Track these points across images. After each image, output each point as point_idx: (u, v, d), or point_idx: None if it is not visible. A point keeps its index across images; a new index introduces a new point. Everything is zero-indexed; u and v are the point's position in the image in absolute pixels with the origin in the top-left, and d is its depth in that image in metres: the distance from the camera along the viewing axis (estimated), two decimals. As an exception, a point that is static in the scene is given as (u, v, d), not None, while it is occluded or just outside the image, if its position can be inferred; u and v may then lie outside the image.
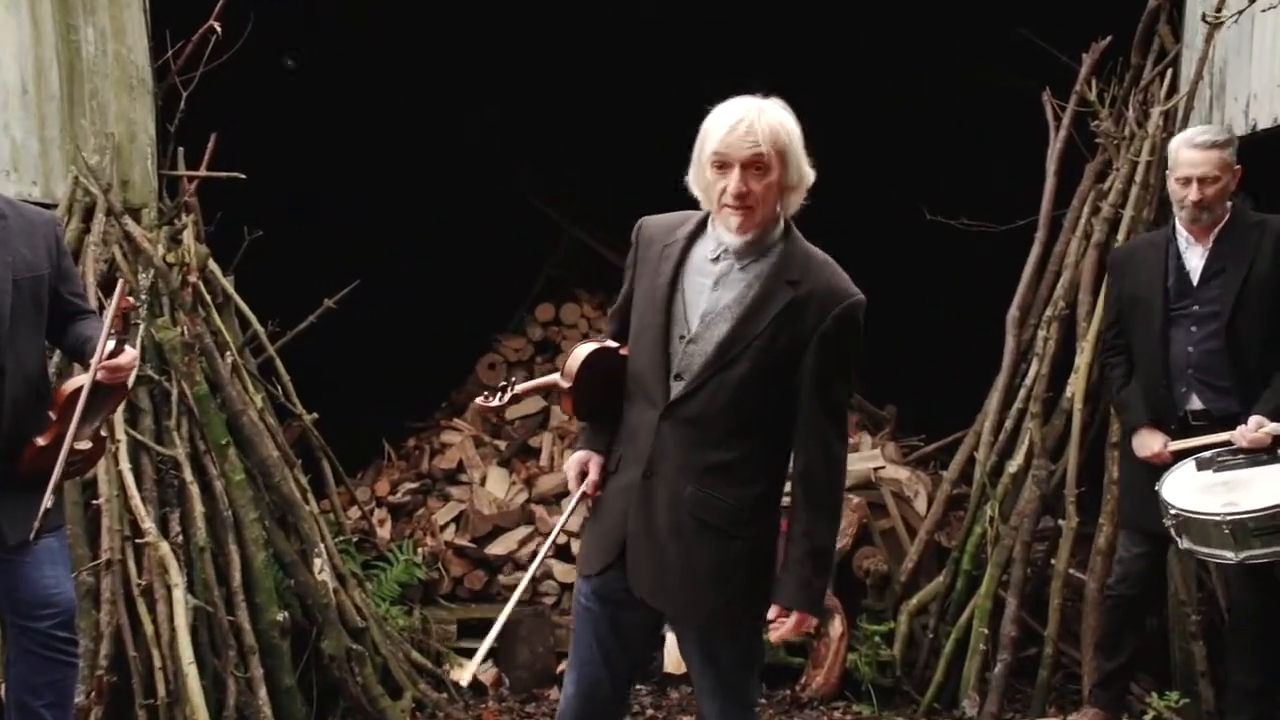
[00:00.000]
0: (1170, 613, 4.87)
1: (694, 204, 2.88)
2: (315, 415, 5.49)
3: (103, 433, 3.53)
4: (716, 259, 2.81)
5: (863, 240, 7.61)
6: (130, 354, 3.31)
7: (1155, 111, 5.11)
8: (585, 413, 2.98)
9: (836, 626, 5.26)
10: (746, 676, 2.96)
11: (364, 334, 6.90)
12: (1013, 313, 5.37)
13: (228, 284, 5.18)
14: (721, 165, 2.71)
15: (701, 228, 2.87)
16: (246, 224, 5.12)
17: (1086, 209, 5.24)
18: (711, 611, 2.86)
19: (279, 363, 5.38)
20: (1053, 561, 5.05)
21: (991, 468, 5.26)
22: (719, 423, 2.77)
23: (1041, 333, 5.25)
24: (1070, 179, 5.36)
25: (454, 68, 7.59)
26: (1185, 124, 4.97)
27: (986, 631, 4.99)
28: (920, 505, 5.95)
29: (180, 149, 4.98)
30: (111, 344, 3.24)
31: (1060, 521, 5.00)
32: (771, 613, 2.84)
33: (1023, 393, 5.25)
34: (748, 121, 2.69)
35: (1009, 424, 5.27)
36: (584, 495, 2.95)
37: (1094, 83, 5.30)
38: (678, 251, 2.84)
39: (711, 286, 2.80)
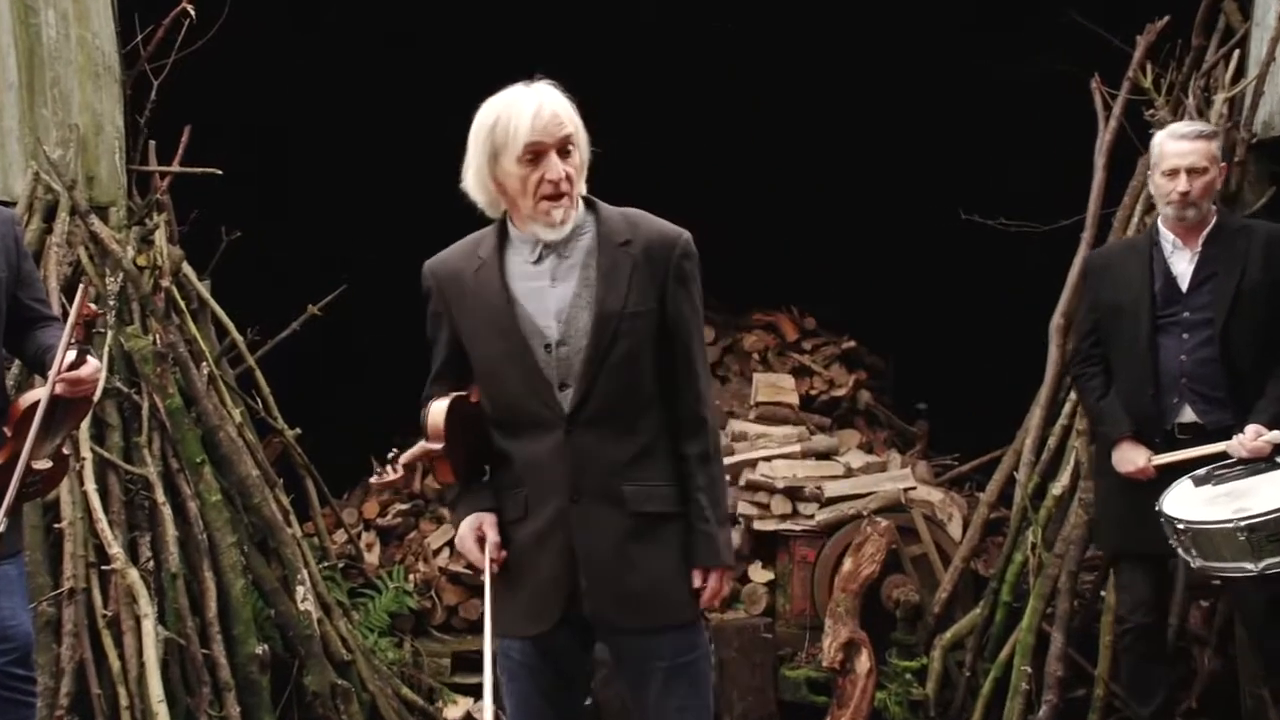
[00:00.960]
0: (1237, 655, 4.79)
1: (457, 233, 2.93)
2: (298, 430, 5.50)
3: (65, 450, 3.45)
4: (539, 259, 2.83)
5: (891, 242, 7.78)
6: (93, 365, 3.23)
7: (1219, 99, 5.00)
8: (467, 474, 2.91)
9: (863, 662, 5.22)
10: (709, 682, 3.01)
11: (351, 342, 6.94)
12: (1056, 320, 5.32)
13: (203, 289, 5.18)
14: (535, 155, 2.72)
15: (504, 237, 2.87)
16: (224, 224, 5.11)
17: (1139, 207, 5.16)
18: (684, 598, 2.89)
19: (259, 374, 5.39)
20: (1102, 594, 4.98)
21: (1033, 489, 5.22)
22: (626, 410, 2.80)
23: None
24: (1121, 174, 5.29)
25: (450, 62, 7.50)
26: (1254, 112, 4.89)
27: (1029, 670, 4.93)
28: (955, 530, 5.91)
29: (151, 142, 5.00)
30: (72, 354, 3.16)
31: None
32: (696, 580, 2.88)
33: (1067, 407, 5.19)
34: (549, 105, 2.72)
35: (1052, 441, 5.22)
36: (494, 562, 2.87)
37: (1149, 67, 5.21)
38: (494, 269, 2.83)
39: (550, 285, 2.81)
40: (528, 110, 2.71)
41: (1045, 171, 6.50)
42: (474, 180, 2.81)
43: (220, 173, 4.97)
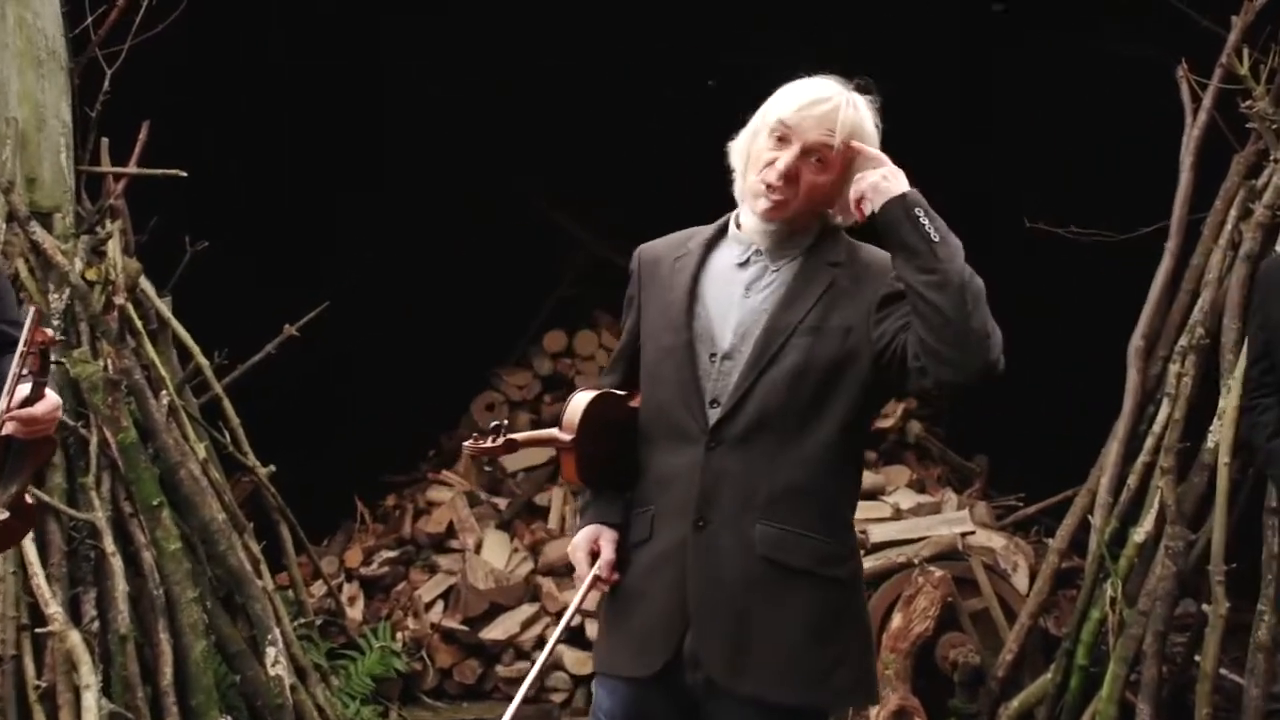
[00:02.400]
0: None
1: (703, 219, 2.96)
2: (272, 468, 5.48)
3: (28, 499, 3.29)
4: (745, 263, 2.85)
5: None
6: (51, 400, 3.07)
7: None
8: (592, 476, 2.93)
9: (916, 731, 5.22)
10: None
11: (333, 368, 7.08)
12: (1136, 342, 5.28)
13: (163, 306, 5.15)
14: (782, 138, 2.74)
15: (721, 233, 2.93)
16: (188, 233, 5.12)
17: (1234, 212, 5.09)
18: (813, 679, 2.76)
19: (227, 403, 5.38)
20: (1196, 658, 4.88)
21: (1112, 535, 5.14)
22: (776, 434, 2.75)
23: (1174, 367, 5.10)
24: (1212, 174, 5.22)
25: (440, 48, 7.72)
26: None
27: (1111, 746, 4.89)
28: (1020, 581, 5.88)
29: (104, 140, 4.98)
30: (25, 388, 2.98)
31: (1205, 607, 4.84)
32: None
33: (1150, 442, 5.12)
34: (834, 104, 2.73)
35: (1133, 481, 5.14)
36: (596, 580, 2.88)
37: (1245, 52, 5.11)
38: (694, 261, 2.88)
39: (743, 294, 2.82)
40: (809, 95, 2.74)
41: (1122, 172, 6.51)
42: (738, 144, 2.84)
43: (185, 174, 4.95)
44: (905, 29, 7.39)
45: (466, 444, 2.81)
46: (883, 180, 2.65)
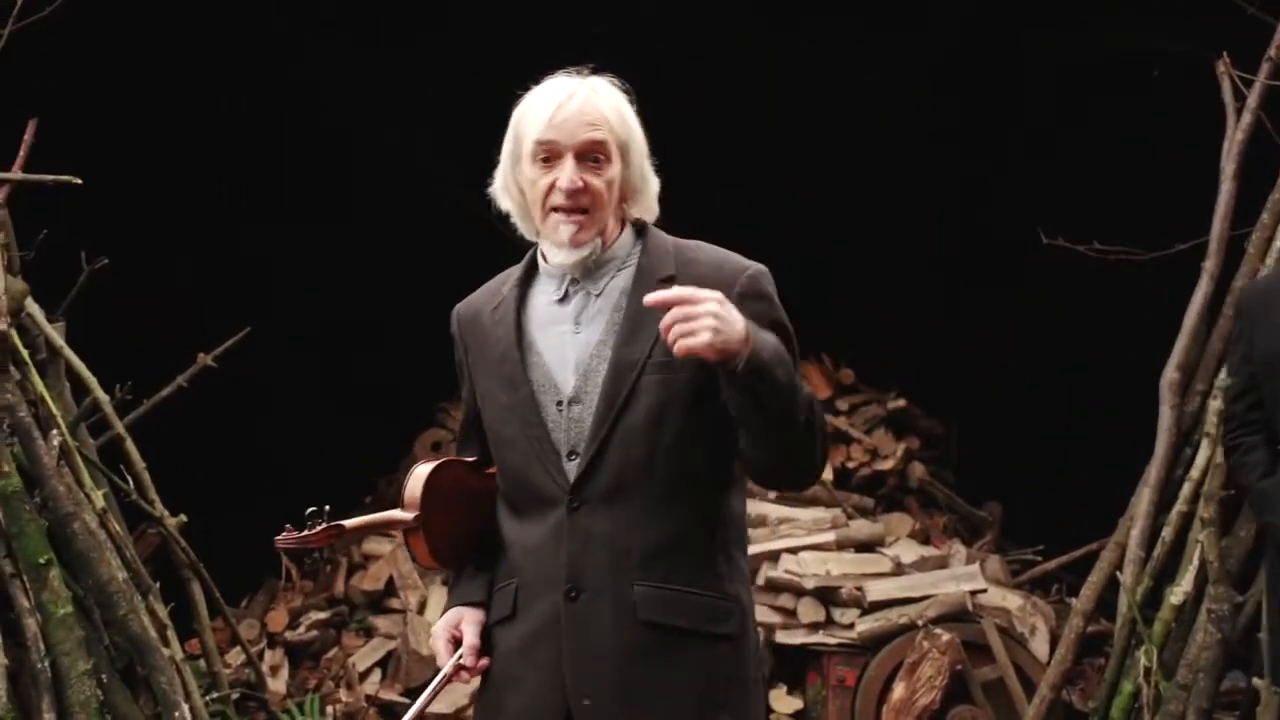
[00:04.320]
0: None
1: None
2: (182, 518, 5.41)
3: None
4: (564, 297, 2.88)
5: (952, 275, 7.84)
6: None
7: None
8: (447, 555, 2.95)
9: (925, 820, 5.39)
10: None
11: (254, 403, 7.07)
12: (1170, 375, 5.27)
13: (55, 333, 5.10)
14: (549, 156, 2.78)
15: (531, 270, 2.96)
16: (84, 248, 5.13)
17: None
18: None
19: (130, 444, 5.32)
20: None
21: (1145, 596, 5.12)
22: (643, 487, 2.77)
23: (1214, 403, 4.99)
24: (1257, 184, 5.23)
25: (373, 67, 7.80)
26: None
27: (1149, 840, 4.95)
28: (1039, 647, 5.89)
29: None
30: None
31: (1256, 681, 4.70)
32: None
33: (1187, 489, 5.12)
34: (580, 98, 2.78)
35: (1168, 533, 5.14)
36: (459, 669, 2.87)
37: None
38: (511, 307, 2.91)
39: (573, 329, 2.86)
40: (551, 100, 2.78)
41: (1154, 182, 6.54)
42: (500, 182, 2.90)
43: (79, 181, 4.87)
44: (907, 27, 7.47)
45: (278, 538, 2.78)
46: (716, 336, 2.51)
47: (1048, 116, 7.53)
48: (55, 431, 4.80)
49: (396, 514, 2.86)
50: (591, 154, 2.76)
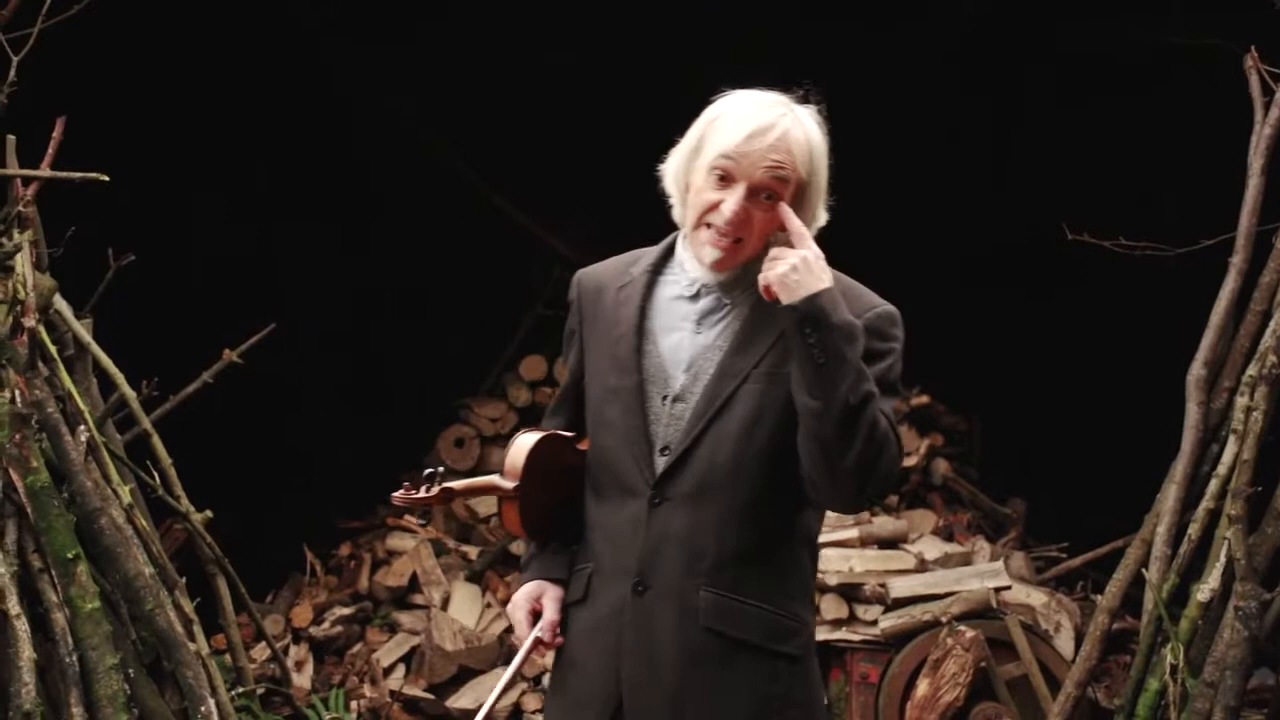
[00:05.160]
0: None
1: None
2: (208, 514, 5.43)
3: None
4: (695, 295, 2.88)
5: (976, 268, 7.80)
6: None
7: None
8: (537, 527, 2.98)
9: (948, 818, 5.34)
10: None
11: (279, 400, 7.08)
12: (1197, 371, 5.27)
13: (83, 330, 5.11)
14: (724, 176, 2.74)
15: (667, 257, 2.96)
16: (112, 245, 5.12)
17: None
18: None
19: (157, 440, 5.34)
20: None
21: (1171, 593, 5.11)
22: (727, 493, 2.78)
23: (1241, 400, 5.07)
24: None
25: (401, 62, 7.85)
26: None
27: (1174, 838, 4.92)
28: (1064, 644, 5.85)
29: (10, 138, 4.91)
30: None
31: None
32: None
33: (1214, 485, 5.10)
34: (780, 130, 2.72)
35: (1194, 530, 5.13)
36: (538, 643, 2.94)
37: None
38: (639, 292, 2.92)
39: (694, 329, 2.87)
40: (750, 122, 2.71)
41: (1180, 178, 6.56)
42: (672, 162, 2.85)
43: (107, 179, 4.86)
44: (918, 18, 7.50)
45: (396, 495, 2.83)
46: (790, 274, 2.66)
47: (1074, 111, 7.50)
48: (83, 427, 4.82)
49: (496, 479, 2.90)
50: (767, 191, 2.72)
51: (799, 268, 2.63)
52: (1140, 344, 5.99)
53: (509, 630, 6.28)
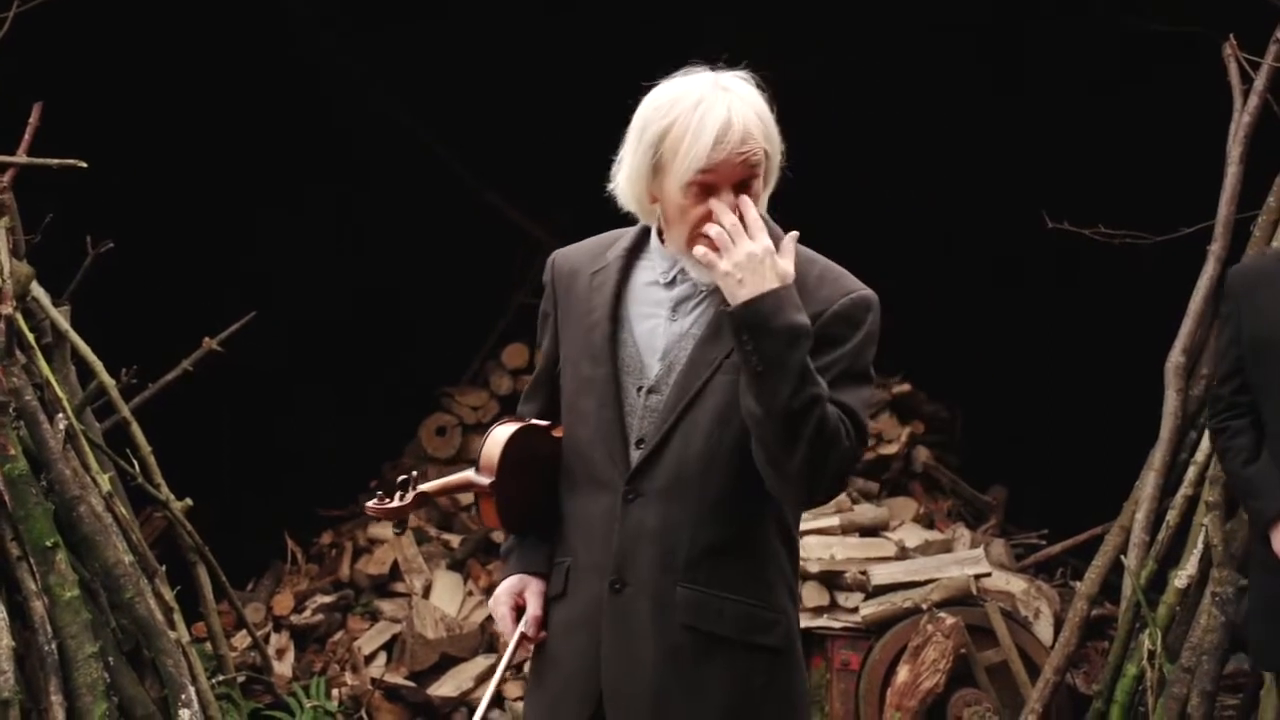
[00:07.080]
0: None
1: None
2: (188, 502, 5.42)
3: None
4: (671, 282, 2.82)
5: (958, 257, 7.81)
6: None
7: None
8: (515, 520, 2.93)
9: (926, 804, 5.33)
10: None
11: (261, 386, 7.06)
12: (1176, 359, 5.27)
13: (60, 317, 5.09)
14: (705, 188, 2.65)
15: (642, 242, 2.89)
16: (90, 232, 5.13)
17: None
18: None
19: (136, 428, 5.34)
20: None
21: (1149, 579, 5.14)
22: (699, 487, 2.74)
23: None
24: (1264, 167, 5.17)
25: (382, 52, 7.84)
26: None
27: (1150, 822, 4.94)
28: (1043, 630, 5.84)
29: None
30: None
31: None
32: None
33: (1192, 472, 5.13)
34: (738, 119, 2.63)
35: (1172, 516, 5.15)
36: (523, 639, 2.90)
37: None
38: (613, 278, 2.85)
39: (669, 316, 2.81)
40: (712, 126, 2.61)
41: (1159, 165, 6.54)
42: (626, 186, 2.76)
43: (85, 165, 4.86)
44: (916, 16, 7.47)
45: (370, 504, 2.80)
46: (734, 273, 2.57)
47: (1052, 99, 7.48)
48: (61, 415, 4.81)
49: (472, 476, 2.86)
50: (746, 179, 2.66)
51: (743, 265, 2.55)
52: (1119, 332, 6.00)
53: (490, 618, 6.18)
